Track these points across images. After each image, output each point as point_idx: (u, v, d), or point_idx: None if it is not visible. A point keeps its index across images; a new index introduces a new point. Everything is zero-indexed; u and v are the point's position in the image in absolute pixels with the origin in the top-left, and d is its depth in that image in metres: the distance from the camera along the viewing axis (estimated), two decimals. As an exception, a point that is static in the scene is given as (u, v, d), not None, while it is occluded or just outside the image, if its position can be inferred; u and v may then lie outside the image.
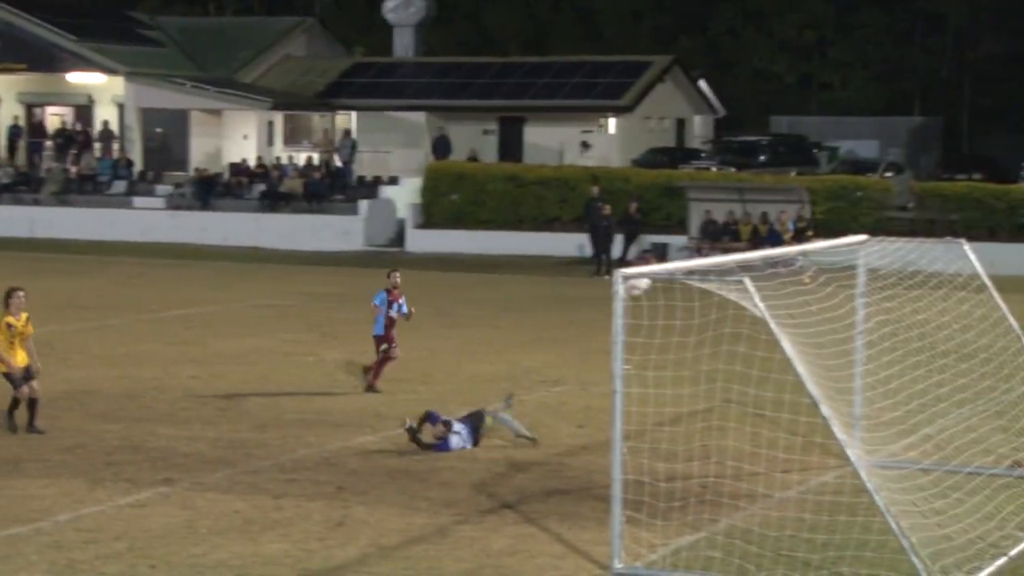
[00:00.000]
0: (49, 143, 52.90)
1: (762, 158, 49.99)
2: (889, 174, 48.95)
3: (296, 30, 58.67)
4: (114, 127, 52.75)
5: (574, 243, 42.22)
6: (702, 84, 59.93)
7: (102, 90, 53.67)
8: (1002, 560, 12.82)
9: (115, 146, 52.05)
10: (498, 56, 61.46)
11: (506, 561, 12.96)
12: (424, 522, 14.21)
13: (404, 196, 46.18)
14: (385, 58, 58.61)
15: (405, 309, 20.95)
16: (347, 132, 51.44)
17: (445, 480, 15.89)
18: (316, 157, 50.16)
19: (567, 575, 12.65)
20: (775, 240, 37.21)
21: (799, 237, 36.77)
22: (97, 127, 53.09)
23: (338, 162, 49.93)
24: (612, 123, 51.75)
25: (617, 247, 39.76)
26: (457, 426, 17.31)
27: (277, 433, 18.21)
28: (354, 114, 53.33)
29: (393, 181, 47.80)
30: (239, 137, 52.27)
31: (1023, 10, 68.84)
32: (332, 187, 47.46)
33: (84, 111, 54.61)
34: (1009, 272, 36.45)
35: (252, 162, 49.47)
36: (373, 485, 15.63)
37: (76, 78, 53.41)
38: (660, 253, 39.79)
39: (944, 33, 71.61)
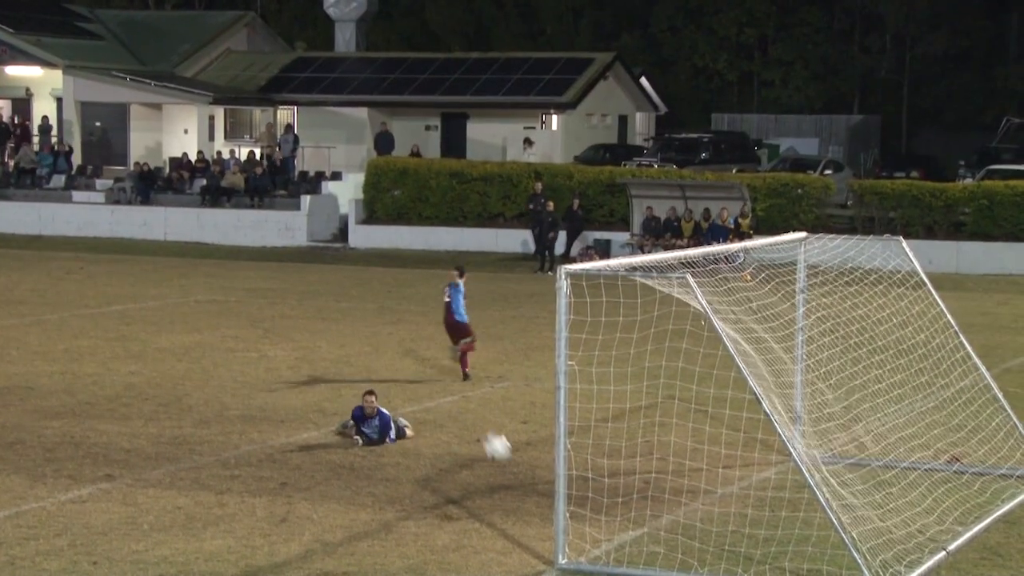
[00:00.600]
0: (-15, 136, 52.39)
1: (703, 155, 50.30)
2: (829, 172, 49.39)
3: (237, 24, 58.31)
4: (53, 121, 52.25)
5: (517, 239, 42.28)
6: (643, 81, 60.17)
7: (40, 83, 53.16)
8: (941, 554, 12.99)
9: (53, 139, 51.54)
10: (440, 52, 61.42)
11: (450, 557, 12.98)
12: (368, 518, 14.21)
13: (347, 192, 46.05)
14: (327, 53, 58.42)
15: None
16: (289, 127, 51.22)
17: (389, 476, 15.89)
18: (258, 152, 49.90)
19: (511, 571, 12.69)
20: (717, 236, 37.43)
21: (740, 234, 37.01)
22: (36, 120, 52.57)
23: (279, 156, 49.69)
24: (555, 119, 51.86)
25: (560, 243, 39.88)
26: (384, 418, 17.41)
27: (219, 429, 18.13)
28: (296, 109, 53.13)
29: (336, 176, 47.66)
30: (180, 131, 51.92)
31: (959, 10, 69.67)
32: (274, 182, 47.25)
33: (22, 104, 54.08)
34: (946, 269, 37.01)
35: (193, 157, 49.16)
36: (317, 481, 15.61)
37: (14, 71, 52.86)
38: (603, 249, 39.93)
39: (882, 33, 72.35)
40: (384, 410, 17.51)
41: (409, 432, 17.70)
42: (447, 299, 21.84)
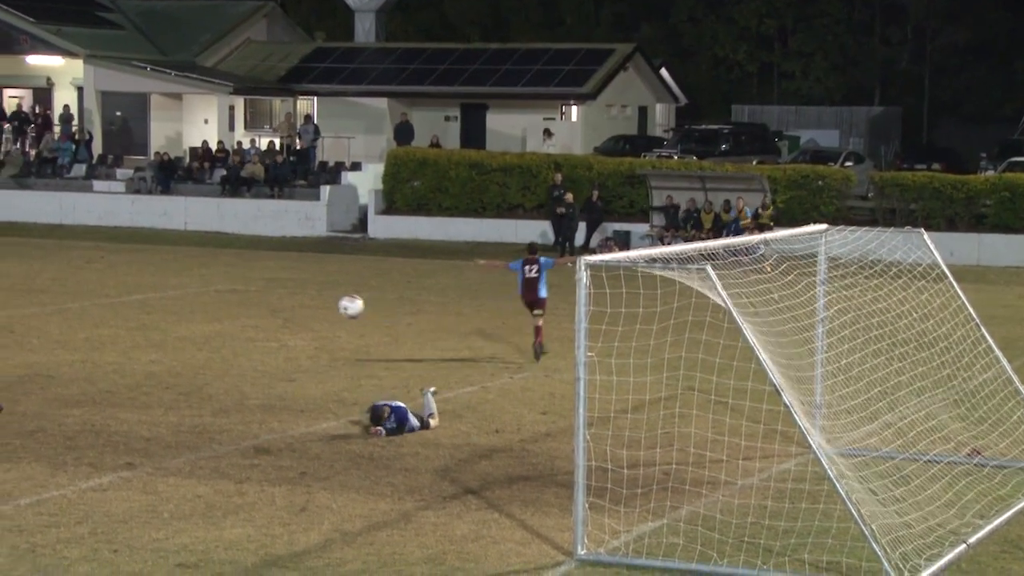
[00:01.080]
0: (7, 126, 52.49)
1: (723, 147, 50.22)
2: (849, 164, 49.25)
3: (257, 14, 58.39)
4: (73, 110, 52.40)
5: (536, 230, 42.19)
6: (663, 72, 60.04)
7: (61, 73, 53.31)
8: (961, 547, 12.96)
9: (74, 129, 51.70)
10: (460, 42, 61.37)
11: (469, 547, 12.99)
12: (387, 508, 14.23)
13: (366, 182, 46.08)
14: (346, 43, 58.44)
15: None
16: (308, 117, 51.28)
17: (408, 466, 15.91)
18: (278, 142, 49.97)
19: (530, 561, 12.69)
20: (738, 228, 37.36)
21: (760, 226, 36.93)
22: (57, 110, 52.74)
23: (299, 146, 49.75)
24: (574, 110, 51.79)
25: (579, 235, 39.83)
26: (400, 412, 17.39)
27: (239, 418, 18.17)
28: (315, 99, 53.17)
29: (355, 167, 47.69)
30: (200, 121, 52.00)
31: (980, 2, 69.37)
32: (294, 172, 47.33)
33: (43, 94, 54.24)
34: (967, 262, 36.89)
35: (213, 146, 49.23)
36: (336, 471, 15.64)
37: (35, 60, 53.01)
38: (622, 241, 39.88)
39: (903, 24, 72.06)
40: (396, 403, 17.47)
41: (433, 423, 17.67)
42: (534, 274, 21.99)
